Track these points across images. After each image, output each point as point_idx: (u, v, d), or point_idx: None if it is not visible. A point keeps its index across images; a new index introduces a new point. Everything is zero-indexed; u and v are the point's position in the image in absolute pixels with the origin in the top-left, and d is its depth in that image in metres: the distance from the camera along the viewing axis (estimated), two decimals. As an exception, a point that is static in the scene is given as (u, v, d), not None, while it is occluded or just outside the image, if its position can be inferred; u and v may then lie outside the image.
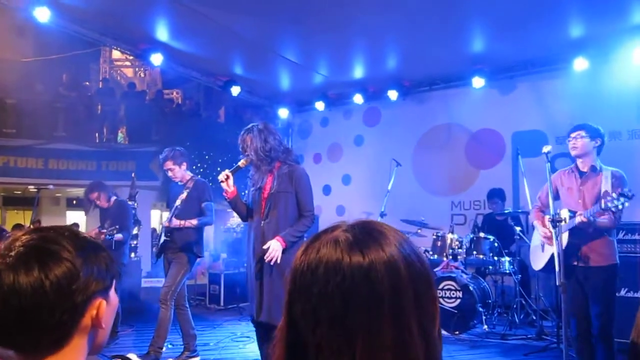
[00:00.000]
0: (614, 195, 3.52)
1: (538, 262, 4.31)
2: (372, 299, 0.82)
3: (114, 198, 6.17)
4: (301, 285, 0.87)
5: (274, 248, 3.56)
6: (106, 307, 1.06)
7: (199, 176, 5.55)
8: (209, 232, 13.52)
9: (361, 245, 0.86)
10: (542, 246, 4.22)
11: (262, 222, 3.76)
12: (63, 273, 0.98)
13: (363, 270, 0.83)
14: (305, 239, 3.57)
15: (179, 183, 5.20)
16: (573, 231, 3.80)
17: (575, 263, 3.81)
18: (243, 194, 4.21)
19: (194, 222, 4.98)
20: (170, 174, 5.16)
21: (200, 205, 5.07)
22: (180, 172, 5.14)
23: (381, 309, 0.82)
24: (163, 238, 4.99)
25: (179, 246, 5.00)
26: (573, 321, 3.83)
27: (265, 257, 3.55)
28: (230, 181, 3.82)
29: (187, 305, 5.19)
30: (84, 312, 1.02)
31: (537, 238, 4.38)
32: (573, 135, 3.99)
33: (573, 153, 3.99)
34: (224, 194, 3.87)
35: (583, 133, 3.94)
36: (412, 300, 0.84)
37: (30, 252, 0.99)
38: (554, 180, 4.15)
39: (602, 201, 3.56)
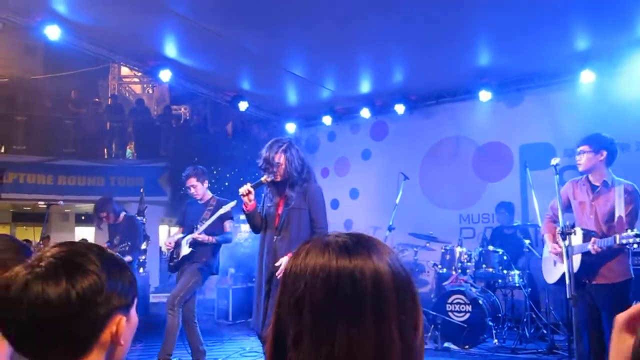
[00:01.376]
0: (630, 232, 3.47)
1: (551, 275, 4.26)
2: (354, 294, 0.85)
3: (123, 214, 6.16)
4: (290, 285, 0.90)
5: (283, 266, 3.58)
6: (126, 325, 1.08)
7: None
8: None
9: (350, 251, 0.89)
10: (555, 261, 4.18)
11: (275, 237, 3.78)
12: (89, 285, 1.01)
13: (348, 272, 0.87)
14: None
15: (199, 201, 5.36)
16: (585, 252, 3.76)
17: (587, 281, 3.77)
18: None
19: (218, 238, 5.14)
20: (192, 190, 5.31)
21: (222, 223, 5.21)
22: (202, 190, 5.32)
23: (363, 305, 0.85)
24: (188, 250, 5.11)
25: (197, 260, 5.12)
26: (585, 335, 3.78)
27: (277, 274, 3.56)
28: (252, 195, 3.86)
29: (196, 322, 5.21)
30: (105, 326, 1.04)
31: (547, 250, 4.35)
32: (578, 150, 3.97)
33: (580, 169, 3.97)
34: (243, 206, 3.91)
35: (586, 148, 3.90)
36: (395, 306, 0.87)
37: (59, 264, 1.02)
38: (565, 190, 4.12)
39: (617, 237, 3.52)
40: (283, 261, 3.60)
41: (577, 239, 3.78)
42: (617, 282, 3.70)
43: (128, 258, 5.69)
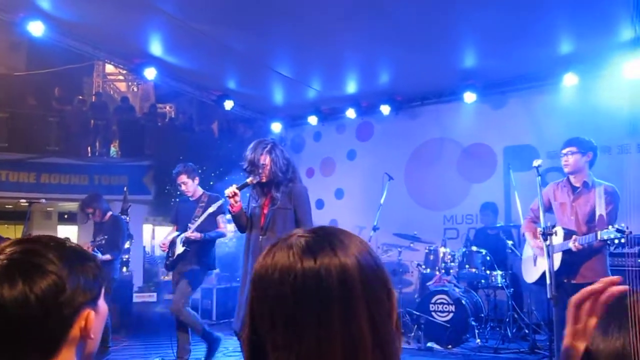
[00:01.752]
0: (611, 228, 3.55)
1: (530, 275, 4.32)
2: (321, 293, 0.84)
3: (110, 213, 6.11)
4: (259, 289, 0.90)
5: None
6: (95, 317, 1.05)
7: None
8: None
9: (313, 251, 0.88)
10: (535, 260, 4.24)
11: (261, 237, 3.80)
12: (48, 286, 0.96)
13: (314, 272, 0.85)
14: None
15: (191, 198, 5.36)
16: (567, 250, 3.83)
17: (566, 280, 3.84)
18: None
19: (211, 234, 5.18)
20: (183, 187, 5.32)
21: (215, 219, 5.24)
22: (193, 187, 5.33)
23: (330, 304, 0.84)
24: (182, 249, 5.13)
25: (193, 259, 5.14)
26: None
27: None
28: (237, 197, 3.86)
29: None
30: (72, 323, 1.00)
31: (528, 250, 4.41)
32: (564, 151, 4.03)
33: (566, 170, 4.03)
34: (229, 207, 3.92)
35: (574, 149, 3.98)
36: (363, 299, 0.86)
37: (13, 266, 0.96)
38: (546, 192, 4.19)
39: (599, 233, 3.60)
40: None
41: (558, 238, 3.83)
42: (595, 281, 3.74)
43: (107, 257, 5.65)
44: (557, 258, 3.82)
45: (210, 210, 5.10)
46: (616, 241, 3.55)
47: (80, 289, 1.01)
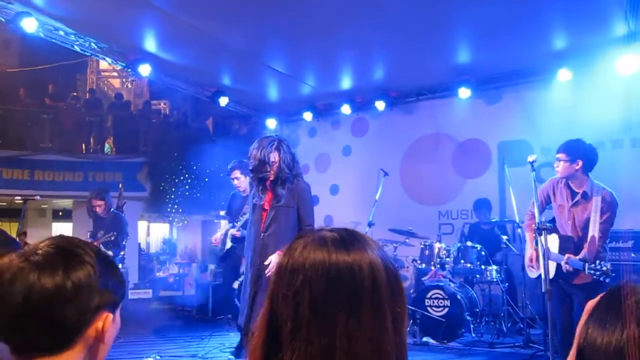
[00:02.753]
0: (599, 266, 3.62)
1: (533, 273, 4.38)
2: (354, 287, 0.87)
3: (111, 209, 6.17)
4: (284, 277, 0.91)
5: (275, 262, 3.61)
6: (111, 324, 1.09)
7: (187, 186, 5.82)
8: (197, 243, 13.49)
9: (347, 245, 0.91)
10: (537, 258, 4.29)
11: (262, 234, 3.78)
12: (85, 275, 1.03)
13: (347, 265, 0.88)
14: None
15: (242, 194, 5.47)
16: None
17: (562, 280, 3.94)
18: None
19: None
20: (236, 182, 5.46)
21: None
22: (245, 183, 5.34)
23: (362, 299, 0.87)
24: (229, 244, 5.34)
25: (238, 254, 5.29)
26: (559, 327, 3.93)
27: (266, 272, 3.59)
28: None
29: None
30: (92, 320, 1.05)
31: (530, 247, 4.46)
32: (557, 156, 4.09)
33: (557, 175, 4.09)
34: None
35: (563, 156, 4.00)
36: (388, 299, 0.90)
37: (56, 253, 1.04)
38: (547, 187, 4.23)
39: (586, 266, 3.68)
40: (272, 259, 3.62)
41: (553, 244, 3.93)
42: (589, 282, 3.84)
43: (109, 253, 5.67)
44: (553, 267, 3.90)
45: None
46: (601, 279, 3.61)
47: (108, 288, 1.08)
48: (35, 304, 0.99)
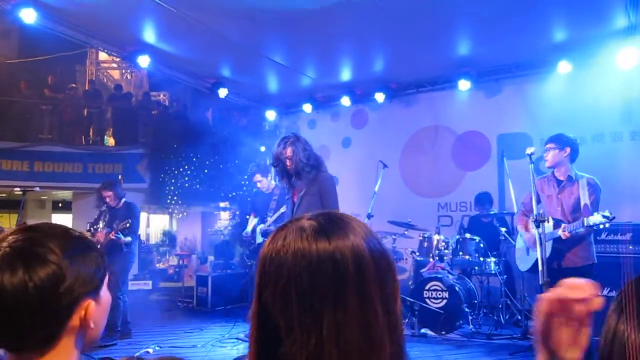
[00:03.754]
0: (597, 215, 3.77)
1: (524, 264, 4.47)
2: (337, 277, 0.85)
3: (123, 200, 6.25)
4: (270, 271, 0.89)
5: None
6: (95, 307, 1.05)
7: (187, 178, 6.03)
8: (196, 235, 13.51)
9: (327, 233, 0.89)
10: (527, 250, 4.36)
11: None
12: (47, 276, 0.97)
13: (328, 254, 0.86)
14: None
15: (266, 192, 5.99)
16: (557, 238, 4.02)
17: (556, 266, 4.04)
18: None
19: None
20: (258, 185, 6.00)
21: None
22: (267, 182, 5.98)
23: (346, 287, 0.85)
24: (261, 239, 5.74)
25: None
26: None
27: None
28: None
29: None
30: (71, 314, 1.02)
31: (521, 241, 4.53)
32: (545, 147, 4.29)
33: (546, 165, 4.35)
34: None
35: (552, 145, 4.21)
36: (376, 282, 0.87)
37: (15, 254, 0.98)
38: (535, 186, 4.32)
39: (585, 219, 3.81)
40: None
41: (548, 226, 4.04)
42: (581, 266, 4.02)
43: (127, 239, 5.86)
44: (548, 246, 3.99)
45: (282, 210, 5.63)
46: (601, 226, 3.77)
47: (80, 279, 1.02)
48: (1, 308, 0.96)
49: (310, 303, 0.85)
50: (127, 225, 5.78)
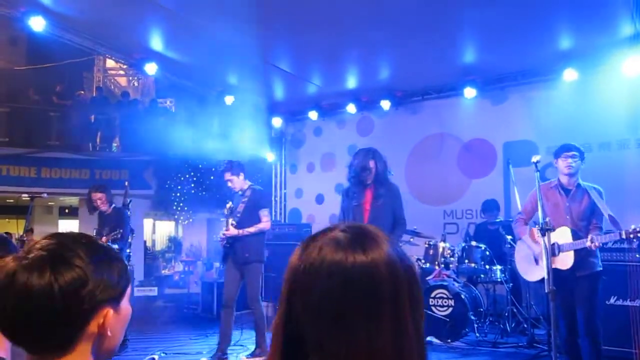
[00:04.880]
0: (632, 227, 3.81)
1: (532, 274, 4.38)
2: (373, 289, 0.85)
3: (113, 205, 6.24)
4: (302, 283, 0.88)
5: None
6: (114, 316, 1.09)
7: (193, 184, 5.80)
8: (202, 242, 13.52)
9: (363, 245, 0.88)
10: (536, 259, 4.29)
11: None
12: (72, 279, 1.02)
13: (366, 269, 0.86)
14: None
15: (239, 192, 5.56)
16: (581, 249, 4.01)
17: (578, 274, 4.03)
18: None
19: (251, 229, 5.31)
20: (230, 184, 5.55)
21: (257, 212, 5.44)
22: (239, 182, 5.52)
23: (382, 300, 0.85)
24: (225, 244, 5.38)
25: (246, 256, 5.30)
26: (562, 323, 4.06)
27: None
28: None
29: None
30: (91, 319, 1.05)
31: (523, 249, 4.48)
32: (569, 154, 4.18)
33: (568, 172, 4.21)
34: None
35: (577, 154, 4.18)
36: (407, 297, 0.87)
37: (45, 256, 1.03)
38: (536, 193, 4.28)
39: (623, 232, 3.84)
40: None
41: (565, 237, 4.03)
42: (591, 273, 4.03)
43: (115, 246, 5.74)
44: (570, 256, 4.01)
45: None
46: (632, 236, 3.83)
47: (102, 285, 1.06)
48: (27, 307, 1.00)
49: (343, 313, 0.84)
50: (118, 235, 5.81)
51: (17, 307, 1.01)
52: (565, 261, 3.98)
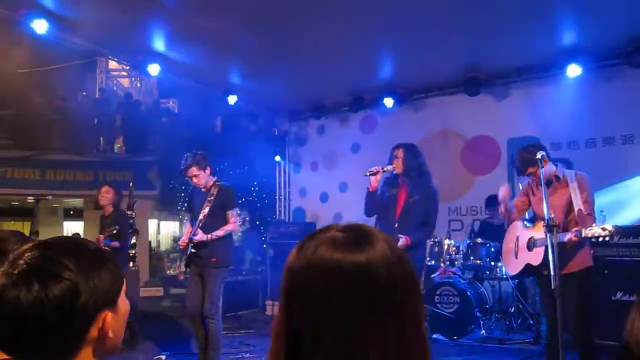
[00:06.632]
0: (595, 227, 3.56)
1: (512, 267, 4.29)
2: (371, 291, 0.84)
3: (115, 208, 6.30)
4: (300, 284, 0.88)
5: (401, 244, 4.21)
6: (113, 317, 1.07)
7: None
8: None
9: (359, 244, 0.88)
10: (516, 253, 4.21)
11: (396, 223, 4.43)
12: (62, 292, 0.99)
13: (362, 269, 0.85)
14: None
15: (202, 190, 4.94)
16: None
17: (546, 273, 3.74)
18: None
19: (220, 233, 4.76)
20: (194, 180, 4.89)
21: (224, 213, 4.89)
22: (204, 178, 4.90)
23: (380, 300, 0.84)
24: (190, 250, 4.76)
25: (209, 261, 4.73)
26: (544, 321, 3.97)
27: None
28: (379, 176, 4.61)
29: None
30: (90, 326, 1.03)
31: (509, 242, 4.37)
32: (527, 174, 4.14)
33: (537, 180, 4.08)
34: (368, 186, 4.74)
35: (532, 170, 4.05)
36: (405, 292, 0.87)
37: (31, 270, 1.00)
38: (526, 189, 4.25)
39: (583, 231, 3.59)
40: (400, 241, 4.21)
41: (540, 232, 3.86)
42: (577, 271, 3.79)
43: (115, 244, 5.84)
44: (541, 251, 3.83)
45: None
46: (600, 239, 3.54)
47: (96, 294, 1.03)
48: (20, 324, 0.98)
49: (342, 313, 0.84)
50: (114, 232, 5.81)
51: (10, 324, 0.98)
52: (537, 256, 3.85)
